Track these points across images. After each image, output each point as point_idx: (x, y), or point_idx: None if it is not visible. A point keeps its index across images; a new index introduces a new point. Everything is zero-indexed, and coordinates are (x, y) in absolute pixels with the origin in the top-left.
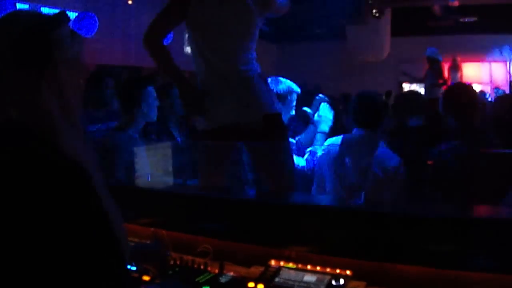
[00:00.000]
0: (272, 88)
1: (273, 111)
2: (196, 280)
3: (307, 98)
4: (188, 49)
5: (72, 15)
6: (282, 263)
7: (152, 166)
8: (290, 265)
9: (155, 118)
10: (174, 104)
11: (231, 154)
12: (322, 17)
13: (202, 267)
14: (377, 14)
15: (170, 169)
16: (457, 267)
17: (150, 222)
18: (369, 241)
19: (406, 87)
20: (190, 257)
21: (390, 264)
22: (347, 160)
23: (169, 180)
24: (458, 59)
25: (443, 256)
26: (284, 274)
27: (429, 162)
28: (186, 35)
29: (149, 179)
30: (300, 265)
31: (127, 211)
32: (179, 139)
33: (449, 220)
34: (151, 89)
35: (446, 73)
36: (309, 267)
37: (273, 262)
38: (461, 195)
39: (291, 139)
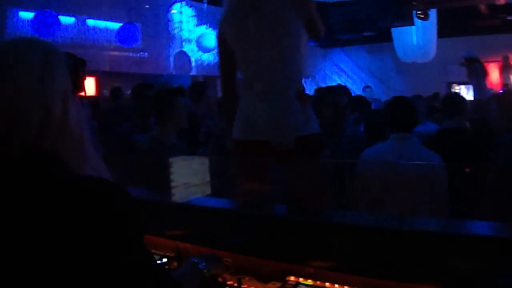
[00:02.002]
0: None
1: (306, 132)
2: None
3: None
4: None
5: (116, 25)
6: (300, 280)
7: (181, 176)
8: (308, 282)
9: (185, 126)
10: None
11: (260, 168)
12: (369, 19)
13: (221, 280)
14: (422, 16)
15: (205, 178)
16: None
17: (174, 235)
18: (388, 259)
19: (456, 87)
20: None
21: (408, 284)
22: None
23: (197, 191)
24: (511, 57)
25: (465, 276)
26: None
27: (467, 170)
28: None
29: (177, 190)
30: (318, 282)
31: (152, 223)
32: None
33: (474, 238)
34: (180, 99)
35: (497, 73)
36: (327, 284)
37: (291, 278)
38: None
39: None
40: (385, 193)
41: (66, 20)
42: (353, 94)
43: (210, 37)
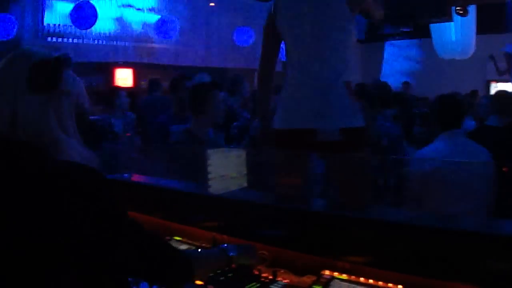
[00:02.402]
0: None
1: (352, 124)
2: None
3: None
4: None
5: (154, 18)
6: (335, 274)
7: (218, 169)
8: (343, 276)
9: (221, 121)
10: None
11: (301, 160)
12: (407, 15)
13: (256, 273)
14: (461, 12)
15: (235, 173)
16: None
17: (211, 227)
18: (424, 256)
19: (494, 85)
20: None
21: (442, 281)
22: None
23: (234, 184)
24: None
25: (506, 277)
26: (335, 285)
27: (504, 169)
28: None
29: (214, 183)
30: (352, 277)
31: (190, 214)
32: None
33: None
34: (216, 93)
35: None
36: (361, 279)
37: (326, 272)
38: None
39: None
40: (443, 190)
41: (104, 12)
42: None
43: (245, 31)
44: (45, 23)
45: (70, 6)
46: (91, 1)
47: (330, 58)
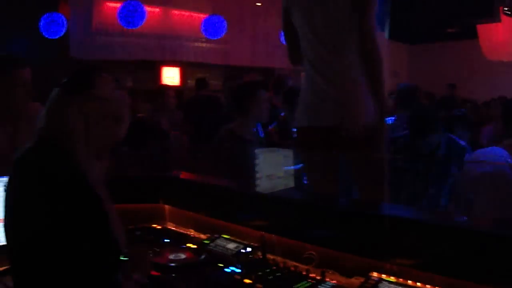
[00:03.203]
0: None
1: (373, 121)
2: (294, 287)
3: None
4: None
5: (202, 17)
6: (383, 276)
7: (264, 168)
8: (391, 278)
9: (266, 120)
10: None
11: (329, 158)
12: (453, 16)
13: (304, 273)
14: (509, 12)
15: (282, 172)
16: None
17: (259, 226)
18: (474, 261)
19: None
20: (294, 263)
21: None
22: None
23: (286, 182)
24: None
25: None
26: (383, 287)
27: None
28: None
29: (261, 182)
30: (401, 280)
31: (239, 213)
32: None
33: None
34: (261, 93)
35: None
36: (409, 282)
37: (374, 274)
38: None
39: None
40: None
41: (152, 11)
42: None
43: None
44: (93, 22)
45: (118, 5)
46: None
47: (341, 55)
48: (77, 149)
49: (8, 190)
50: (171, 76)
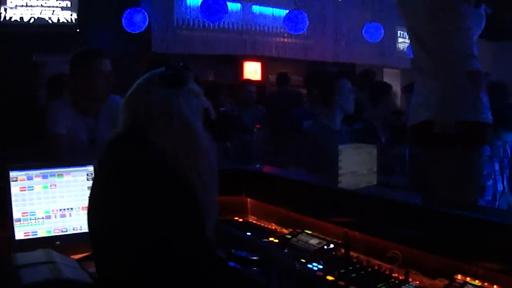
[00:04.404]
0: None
1: (472, 118)
2: (377, 286)
3: None
4: (400, 46)
5: (283, 12)
6: (467, 279)
7: (348, 164)
8: (476, 282)
9: (351, 111)
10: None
11: (427, 154)
12: None
13: (387, 272)
14: None
15: (372, 168)
16: None
17: (342, 222)
18: None
19: None
20: (377, 262)
21: None
22: None
23: (369, 180)
24: None
25: None
26: None
27: None
28: (400, 32)
29: (345, 177)
30: (486, 284)
31: (322, 208)
32: (383, 138)
33: None
34: (344, 82)
35: None
36: (495, 287)
37: (459, 277)
38: None
39: None
40: None
41: (233, 6)
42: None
43: (374, 27)
44: (175, 16)
45: (200, 0)
46: None
47: (446, 48)
48: (182, 140)
49: (96, 180)
50: (252, 70)
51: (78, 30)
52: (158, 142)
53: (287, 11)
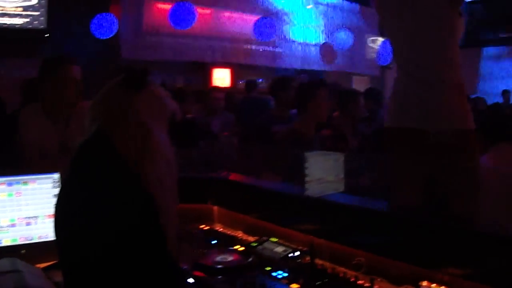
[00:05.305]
0: None
1: (464, 126)
2: None
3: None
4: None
5: (252, 19)
6: (433, 286)
7: (316, 171)
8: None
9: (324, 119)
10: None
11: (411, 159)
12: (507, 19)
13: (352, 280)
14: None
15: (339, 175)
16: None
17: (308, 230)
18: None
19: None
20: (343, 269)
21: None
22: None
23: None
24: None
25: None
26: None
27: None
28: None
29: (312, 185)
30: None
31: (288, 216)
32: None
33: None
34: (323, 91)
35: None
36: None
37: (424, 283)
38: None
39: None
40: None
41: (203, 12)
42: (490, 99)
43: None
44: (144, 22)
45: (169, 6)
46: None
47: (434, 55)
48: (141, 145)
49: (61, 187)
50: (221, 77)
51: (47, 35)
52: (119, 147)
53: (257, 18)
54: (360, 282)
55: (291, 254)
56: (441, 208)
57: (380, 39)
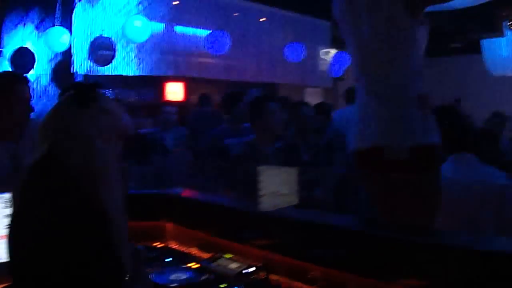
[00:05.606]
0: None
1: (424, 141)
2: None
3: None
4: (322, 65)
5: (205, 33)
6: None
7: (272, 183)
8: None
9: (280, 133)
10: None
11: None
12: (457, 30)
13: None
14: None
15: (292, 188)
16: None
17: (263, 245)
18: (481, 282)
19: None
20: (298, 284)
21: None
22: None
23: (290, 200)
24: None
25: None
26: None
27: None
28: (321, 51)
29: (267, 200)
30: None
31: (242, 232)
32: (305, 156)
33: None
34: (273, 106)
35: None
36: None
37: None
38: None
39: None
40: (457, 213)
41: (156, 26)
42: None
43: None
44: (97, 35)
45: (124, 19)
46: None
47: (394, 69)
48: (90, 163)
49: (14, 208)
50: (174, 91)
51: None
52: (69, 167)
53: (209, 31)
54: None
55: (246, 270)
56: (398, 221)
57: (333, 51)
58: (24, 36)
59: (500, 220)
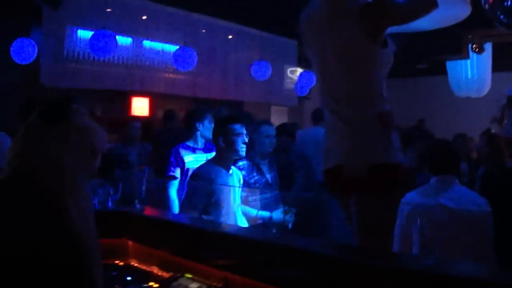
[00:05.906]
0: None
1: (383, 160)
2: None
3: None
4: (288, 84)
5: (172, 48)
6: None
7: (236, 203)
8: None
9: (242, 154)
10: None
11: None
12: (422, 52)
13: None
14: (477, 50)
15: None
16: None
17: (223, 265)
18: None
19: None
20: None
21: None
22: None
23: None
24: None
25: None
26: None
27: None
28: (288, 70)
29: (228, 219)
30: None
31: (202, 252)
32: (268, 175)
33: None
34: (233, 127)
35: None
36: None
37: None
38: None
39: None
40: (433, 236)
41: (124, 40)
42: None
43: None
44: (65, 49)
45: (90, 33)
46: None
47: (354, 90)
48: (58, 181)
49: None
50: (140, 106)
51: None
52: (38, 185)
53: (177, 47)
54: None
55: None
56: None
57: (299, 70)
58: None
59: (480, 245)
